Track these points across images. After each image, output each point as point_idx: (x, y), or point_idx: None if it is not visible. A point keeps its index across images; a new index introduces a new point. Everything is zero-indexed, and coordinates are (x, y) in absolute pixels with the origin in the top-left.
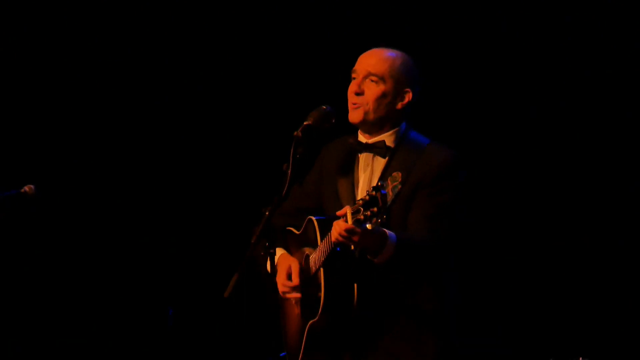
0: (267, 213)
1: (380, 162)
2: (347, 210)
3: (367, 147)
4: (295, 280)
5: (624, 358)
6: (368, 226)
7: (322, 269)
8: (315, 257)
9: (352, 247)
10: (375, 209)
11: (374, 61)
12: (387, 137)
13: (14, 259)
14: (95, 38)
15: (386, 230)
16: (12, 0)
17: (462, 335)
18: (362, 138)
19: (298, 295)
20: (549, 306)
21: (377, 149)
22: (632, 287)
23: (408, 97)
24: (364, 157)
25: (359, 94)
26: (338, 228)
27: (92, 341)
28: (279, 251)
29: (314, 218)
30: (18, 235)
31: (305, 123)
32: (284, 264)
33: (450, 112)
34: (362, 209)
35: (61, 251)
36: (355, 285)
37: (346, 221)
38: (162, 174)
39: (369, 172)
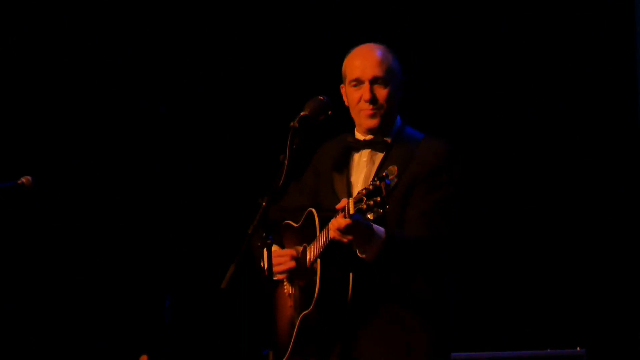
0: (264, 203)
1: (378, 157)
2: (350, 200)
3: (365, 145)
4: (288, 251)
5: (620, 347)
6: (369, 216)
7: (319, 260)
8: (313, 248)
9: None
10: (378, 199)
11: (375, 63)
12: (385, 132)
13: (10, 249)
14: (95, 38)
15: (373, 225)
16: (12, 0)
17: (459, 326)
18: (359, 136)
19: (293, 264)
20: (547, 296)
21: (375, 144)
22: (627, 278)
23: (403, 86)
24: (362, 154)
25: (375, 101)
26: (336, 224)
27: (90, 331)
28: (273, 247)
29: (314, 210)
30: (15, 225)
31: (301, 113)
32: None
33: (446, 111)
34: (364, 198)
35: (58, 242)
36: (351, 275)
37: (348, 210)
38: (160, 165)
39: (366, 167)
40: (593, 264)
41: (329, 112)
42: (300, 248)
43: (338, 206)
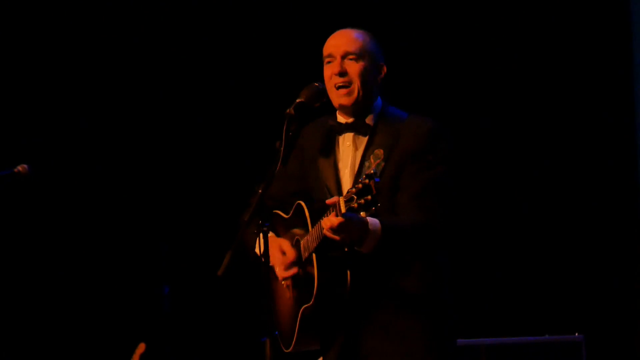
0: (260, 190)
1: (362, 141)
2: (340, 199)
3: (347, 127)
4: (291, 255)
5: (618, 333)
6: (362, 214)
7: (314, 255)
8: (307, 242)
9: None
10: (369, 197)
11: (348, 40)
12: (367, 115)
13: (7, 237)
14: (95, 37)
15: (368, 219)
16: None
17: (458, 313)
18: (341, 119)
19: (296, 270)
20: (545, 282)
21: (358, 128)
22: (624, 264)
23: (383, 70)
24: (345, 138)
25: (343, 74)
26: (329, 223)
27: (89, 320)
28: (270, 235)
29: (303, 203)
30: (11, 213)
31: (297, 100)
32: (273, 244)
33: (447, 115)
34: (355, 197)
35: (55, 230)
36: (349, 271)
37: (339, 209)
38: (158, 154)
39: (352, 152)
40: (591, 250)
41: (325, 99)
42: (294, 238)
43: (328, 201)
